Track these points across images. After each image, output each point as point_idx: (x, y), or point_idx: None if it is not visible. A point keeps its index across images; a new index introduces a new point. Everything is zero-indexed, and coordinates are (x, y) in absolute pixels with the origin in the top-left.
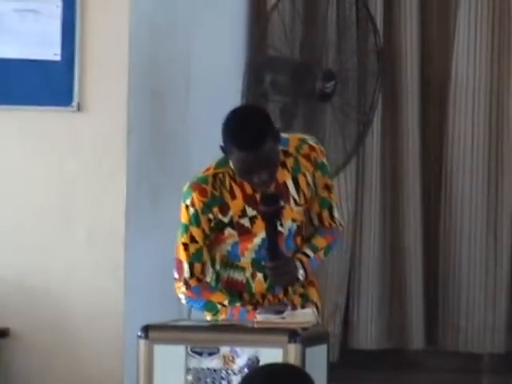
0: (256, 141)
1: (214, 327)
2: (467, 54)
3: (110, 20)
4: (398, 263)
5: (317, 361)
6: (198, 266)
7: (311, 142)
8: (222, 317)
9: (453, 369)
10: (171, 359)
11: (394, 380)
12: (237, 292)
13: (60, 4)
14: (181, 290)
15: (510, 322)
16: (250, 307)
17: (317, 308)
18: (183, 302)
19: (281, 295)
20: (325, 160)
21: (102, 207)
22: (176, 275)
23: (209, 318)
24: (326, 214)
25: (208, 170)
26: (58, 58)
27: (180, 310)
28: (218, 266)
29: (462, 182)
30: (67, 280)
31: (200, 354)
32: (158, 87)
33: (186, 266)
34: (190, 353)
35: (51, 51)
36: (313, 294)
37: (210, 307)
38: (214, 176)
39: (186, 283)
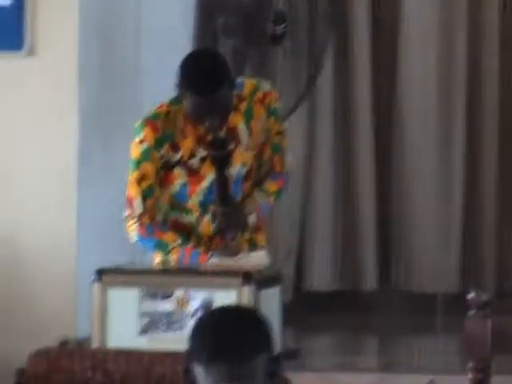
0: (211, 87)
1: (168, 270)
2: None
3: None
4: (351, 205)
5: (270, 303)
6: (150, 202)
7: (266, 88)
8: (173, 257)
9: (406, 309)
10: (125, 302)
11: (347, 321)
12: (184, 234)
13: None
14: (132, 228)
15: (464, 262)
16: (201, 249)
17: None
18: (134, 240)
19: (229, 239)
20: (278, 105)
21: (53, 149)
22: (127, 212)
23: (159, 258)
24: (277, 158)
25: (161, 107)
26: (7, 2)
27: (133, 253)
28: (165, 207)
29: (414, 121)
30: (18, 223)
31: (154, 297)
32: (109, 29)
33: (138, 202)
34: (144, 296)
35: None
36: (260, 239)
37: (162, 247)
38: (167, 113)
39: (139, 219)
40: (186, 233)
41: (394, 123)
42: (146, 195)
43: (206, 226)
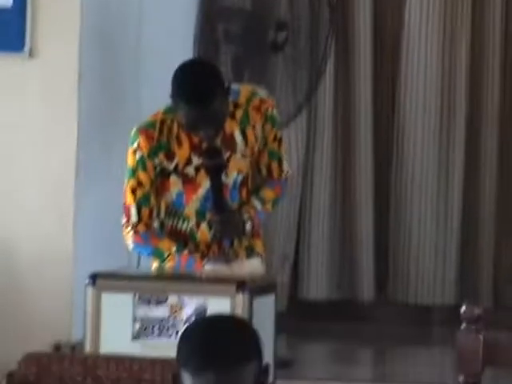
0: (204, 98)
1: (163, 276)
2: (420, 4)
3: None
4: (349, 214)
5: (264, 311)
6: (145, 211)
7: (262, 95)
8: (169, 264)
9: (403, 320)
10: (119, 307)
11: (343, 331)
12: (181, 241)
13: None
14: (128, 236)
15: (461, 274)
16: (197, 256)
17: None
18: (130, 247)
19: (226, 246)
20: (275, 112)
21: (51, 153)
22: (124, 220)
23: (156, 265)
24: (274, 165)
25: (156, 115)
26: (9, 4)
27: (129, 258)
28: (162, 215)
29: (415, 131)
30: (16, 229)
31: (148, 302)
32: (110, 33)
33: (133, 211)
34: (138, 301)
35: None
36: (258, 245)
37: (158, 254)
38: (162, 122)
39: (134, 228)
40: (183, 240)
41: (395, 133)
42: (141, 203)
43: (203, 232)
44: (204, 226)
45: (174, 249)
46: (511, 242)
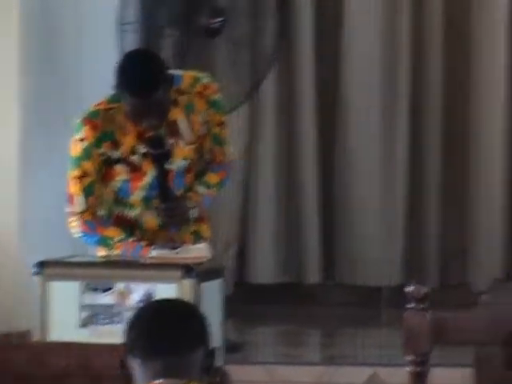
0: (148, 88)
1: (109, 263)
2: None
3: None
4: (294, 197)
5: (212, 295)
6: (91, 199)
7: (205, 80)
8: (116, 252)
9: (350, 302)
10: (66, 295)
11: (291, 314)
12: (128, 229)
13: None
14: (74, 224)
15: (407, 254)
16: (144, 243)
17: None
18: (77, 236)
19: (172, 233)
20: (218, 97)
21: None
22: (69, 209)
23: (103, 253)
24: (218, 149)
25: (100, 104)
26: None
27: (74, 247)
28: (109, 203)
29: (358, 113)
30: None
31: (95, 290)
32: (50, 22)
33: (79, 200)
34: (85, 288)
35: None
36: (205, 230)
37: (105, 242)
38: (106, 111)
39: (80, 217)
40: (130, 227)
41: (338, 115)
42: (86, 192)
43: (150, 219)
44: (150, 213)
45: (121, 236)
46: (456, 221)
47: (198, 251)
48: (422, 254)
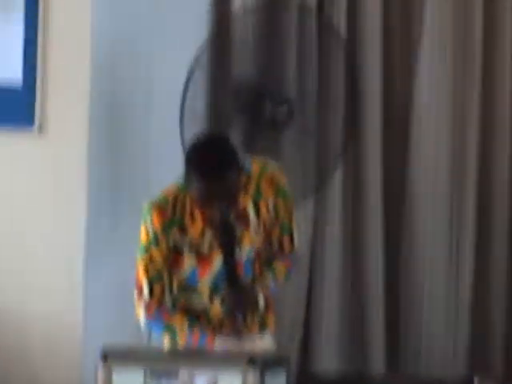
0: (218, 170)
1: (173, 352)
2: (429, 77)
3: (72, 41)
4: (359, 289)
5: None
6: (157, 287)
7: (273, 168)
8: (180, 342)
9: None
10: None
11: None
12: (194, 317)
13: (22, 25)
14: (140, 311)
15: (472, 343)
16: (209, 331)
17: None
18: (142, 323)
19: (239, 320)
20: (286, 185)
21: (61, 228)
22: (136, 293)
23: (167, 341)
24: (286, 239)
25: (169, 190)
26: (19, 81)
27: (139, 334)
28: (174, 291)
29: (425, 207)
30: (24, 301)
31: (159, 378)
32: (119, 110)
33: (145, 287)
34: (149, 377)
35: (13, 74)
36: (270, 320)
37: (170, 330)
38: (175, 197)
39: (146, 305)
40: (196, 315)
41: (405, 211)
42: (153, 280)
43: (216, 308)
44: (217, 301)
45: (185, 325)
46: None
47: (262, 342)
48: (486, 345)
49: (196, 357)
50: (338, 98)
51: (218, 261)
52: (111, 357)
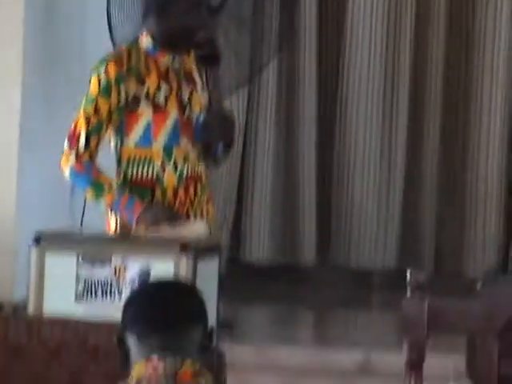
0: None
1: (107, 237)
2: None
3: None
4: (291, 178)
5: (208, 273)
6: (94, 139)
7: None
8: (106, 201)
9: (344, 284)
10: (63, 268)
11: (285, 294)
12: (148, 189)
13: None
14: (69, 162)
15: (402, 238)
16: (136, 197)
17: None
18: (67, 175)
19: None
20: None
21: None
22: (67, 146)
23: (90, 197)
24: None
25: (120, 47)
26: None
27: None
28: (124, 165)
29: (358, 101)
30: None
31: (91, 263)
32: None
33: (82, 138)
34: (82, 262)
35: None
36: (211, 206)
37: (96, 186)
38: (129, 51)
39: (78, 155)
40: (150, 187)
41: (338, 102)
42: (92, 131)
43: (170, 175)
44: (170, 168)
45: (114, 183)
46: (453, 207)
47: (197, 228)
48: (417, 240)
49: (129, 243)
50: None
51: (172, 115)
52: (44, 240)
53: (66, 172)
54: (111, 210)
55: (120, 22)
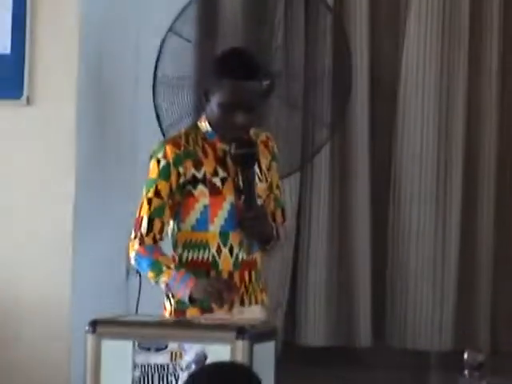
0: (251, 71)
1: (162, 322)
2: (417, 50)
3: (60, 13)
4: (346, 260)
5: (264, 357)
6: (157, 223)
7: (268, 133)
8: (163, 279)
9: (400, 366)
10: (119, 355)
11: (340, 377)
12: (203, 271)
13: None
14: (134, 248)
15: (457, 319)
16: (192, 275)
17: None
18: (132, 261)
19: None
20: (278, 153)
21: (49, 202)
22: (132, 233)
23: (151, 278)
24: (278, 213)
25: (178, 131)
26: (7, 51)
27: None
28: (180, 250)
29: (411, 181)
30: (13, 272)
31: (147, 349)
32: (107, 82)
33: (144, 222)
34: (138, 348)
35: (1, 44)
36: (265, 292)
37: (155, 267)
38: (187, 134)
39: (141, 239)
40: (205, 270)
41: (391, 182)
42: (154, 215)
43: (225, 259)
44: (226, 251)
45: (172, 265)
46: (509, 287)
47: (253, 312)
48: (473, 320)
49: (185, 328)
50: (325, 71)
51: (229, 199)
52: (100, 326)
53: (132, 258)
54: (168, 289)
55: (167, 112)
